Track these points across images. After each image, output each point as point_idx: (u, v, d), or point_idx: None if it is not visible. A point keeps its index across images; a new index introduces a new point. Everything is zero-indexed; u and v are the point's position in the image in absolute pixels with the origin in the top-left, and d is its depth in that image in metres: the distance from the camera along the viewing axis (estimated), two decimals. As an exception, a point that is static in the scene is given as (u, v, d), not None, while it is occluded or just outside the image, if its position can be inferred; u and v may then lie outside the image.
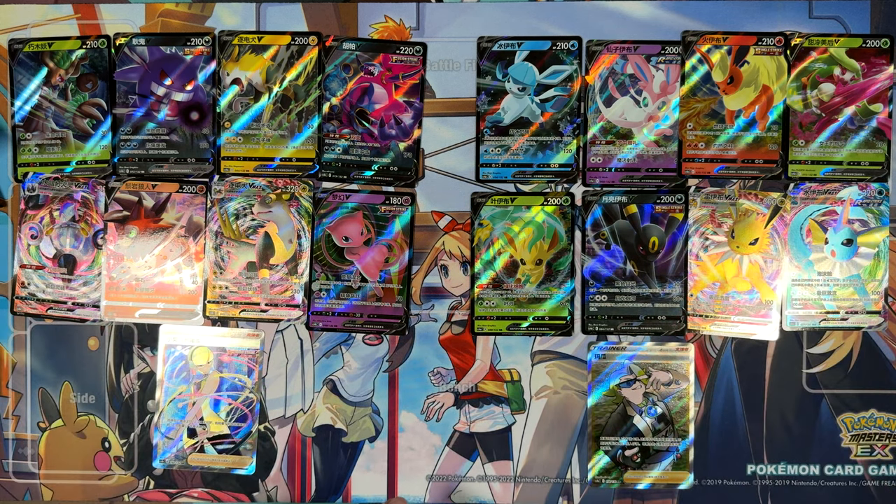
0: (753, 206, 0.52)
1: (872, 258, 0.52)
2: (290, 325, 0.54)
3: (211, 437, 0.53)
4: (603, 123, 0.53)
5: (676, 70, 0.53)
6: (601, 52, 0.53)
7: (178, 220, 0.54)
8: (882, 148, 0.52)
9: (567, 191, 0.53)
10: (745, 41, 0.52)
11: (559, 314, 0.53)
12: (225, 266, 0.53)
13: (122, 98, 0.54)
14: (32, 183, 0.54)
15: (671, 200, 0.53)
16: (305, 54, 0.53)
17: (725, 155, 0.53)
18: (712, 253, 0.53)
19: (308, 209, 0.53)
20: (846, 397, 0.53)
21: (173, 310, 0.53)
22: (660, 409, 0.53)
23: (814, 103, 0.52)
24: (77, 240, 0.54)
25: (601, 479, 0.53)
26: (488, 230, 0.53)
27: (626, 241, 0.53)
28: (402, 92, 0.53)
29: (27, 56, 0.54)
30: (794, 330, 0.53)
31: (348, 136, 0.53)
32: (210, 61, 0.53)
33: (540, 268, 0.53)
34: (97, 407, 0.54)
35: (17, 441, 0.55)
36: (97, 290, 0.54)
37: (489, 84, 0.53)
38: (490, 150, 0.53)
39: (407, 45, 0.53)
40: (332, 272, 0.53)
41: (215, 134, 0.53)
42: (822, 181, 0.52)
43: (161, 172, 0.54)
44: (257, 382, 0.54)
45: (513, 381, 0.54)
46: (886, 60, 0.52)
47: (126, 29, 0.54)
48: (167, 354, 0.54)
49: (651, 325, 0.53)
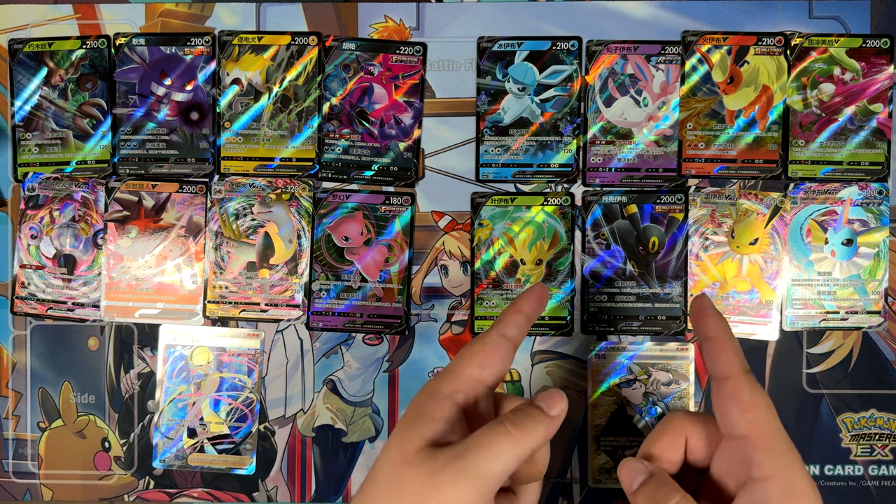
0: (753, 206, 0.52)
1: (872, 258, 0.52)
2: (290, 325, 0.54)
3: (211, 437, 0.53)
4: (603, 123, 0.53)
5: (676, 70, 0.53)
6: (601, 52, 0.53)
7: (178, 220, 0.54)
8: (882, 148, 0.52)
9: (567, 191, 0.53)
10: (745, 41, 0.52)
11: (559, 314, 0.53)
12: (225, 266, 0.53)
13: (122, 98, 0.54)
14: (32, 183, 0.54)
15: (671, 200, 0.53)
16: (305, 54, 0.53)
17: (725, 155, 0.53)
18: (712, 253, 0.53)
19: (308, 209, 0.53)
20: (846, 397, 0.53)
21: (173, 310, 0.54)
22: (660, 409, 0.53)
23: (814, 103, 0.52)
24: (77, 240, 0.54)
25: (601, 479, 0.53)
26: (488, 230, 0.53)
27: (626, 241, 0.53)
28: (402, 92, 0.53)
29: (27, 56, 0.54)
30: (794, 330, 0.53)
31: (348, 136, 0.53)
32: (210, 61, 0.53)
33: (540, 268, 0.53)
34: (97, 407, 0.54)
35: (17, 441, 0.55)
36: (97, 290, 0.54)
37: (489, 84, 0.53)
38: (490, 150, 0.53)
39: (407, 45, 0.53)
40: (332, 272, 0.53)
41: (215, 134, 0.53)
42: (822, 181, 0.52)
43: (161, 172, 0.54)
44: (257, 382, 0.54)
45: (513, 381, 0.54)
46: (886, 60, 0.52)
47: (126, 29, 0.54)
48: (167, 354, 0.54)
49: (651, 325, 0.53)
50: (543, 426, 0.36)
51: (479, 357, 0.38)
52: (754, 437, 0.34)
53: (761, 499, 0.33)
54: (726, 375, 0.36)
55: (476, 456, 0.34)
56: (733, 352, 0.36)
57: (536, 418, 0.36)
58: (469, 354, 0.38)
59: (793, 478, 0.34)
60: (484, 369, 0.38)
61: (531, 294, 0.41)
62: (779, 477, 0.33)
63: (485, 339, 0.38)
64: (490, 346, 0.38)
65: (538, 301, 0.41)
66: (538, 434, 0.35)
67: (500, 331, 0.39)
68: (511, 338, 0.39)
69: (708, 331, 0.37)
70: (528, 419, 0.35)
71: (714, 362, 0.37)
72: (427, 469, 0.34)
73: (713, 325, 0.37)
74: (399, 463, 0.34)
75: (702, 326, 0.38)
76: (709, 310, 0.38)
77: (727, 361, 0.36)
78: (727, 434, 0.36)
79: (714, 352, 0.37)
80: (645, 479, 0.36)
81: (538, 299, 0.41)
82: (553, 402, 0.37)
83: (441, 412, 0.36)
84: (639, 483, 0.36)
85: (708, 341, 0.37)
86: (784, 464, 0.34)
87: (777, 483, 0.33)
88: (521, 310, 0.40)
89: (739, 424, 0.35)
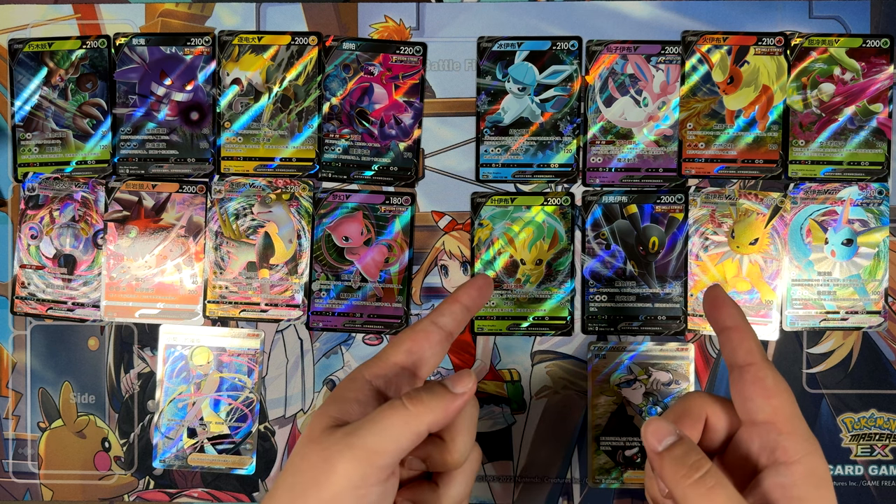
0: (753, 206, 0.52)
1: (872, 258, 0.52)
2: (290, 325, 0.54)
3: (211, 437, 0.53)
4: (603, 123, 0.53)
5: (676, 70, 0.53)
6: (601, 52, 0.53)
7: (178, 220, 0.54)
8: (882, 148, 0.52)
9: (567, 191, 0.53)
10: (745, 41, 0.52)
11: (559, 314, 0.53)
12: (225, 266, 0.53)
13: (122, 98, 0.54)
14: (32, 183, 0.54)
15: (671, 200, 0.53)
16: (305, 54, 0.53)
17: (725, 155, 0.53)
18: (712, 253, 0.53)
19: (308, 209, 0.53)
20: (846, 397, 0.53)
21: (173, 310, 0.54)
22: (660, 409, 0.53)
23: (814, 103, 0.52)
24: (77, 240, 0.54)
25: (601, 479, 0.53)
26: (488, 230, 0.53)
27: (626, 241, 0.53)
28: (402, 92, 0.53)
29: (27, 56, 0.54)
30: (794, 330, 0.53)
31: (348, 136, 0.53)
32: (210, 61, 0.53)
33: (540, 268, 0.53)
34: (97, 407, 0.54)
35: (17, 441, 0.55)
36: (97, 290, 0.54)
37: (489, 84, 0.53)
38: (490, 150, 0.53)
39: (407, 45, 0.53)
40: (332, 272, 0.53)
41: (215, 134, 0.53)
42: (822, 181, 0.52)
43: (161, 172, 0.54)
44: (257, 382, 0.54)
45: (513, 381, 0.54)
46: (886, 60, 0.52)
47: (126, 29, 0.54)
48: (167, 354, 0.54)
49: (651, 325, 0.53)
50: (443, 402, 0.35)
51: (407, 344, 0.38)
52: (779, 423, 0.35)
53: (787, 482, 0.34)
54: (749, 363, 0.36)
55: (367, 431, 0.33)
56: (753, 340, 0.37)
57: (437, 394, 0.35)
58: (397, 341, 0.38)
59: (816, 463, 0.35)
60: (410, 356, 0.38)
61: (472, 284, 0.41)
62: (803, 462, 0.34)
63: (416, 327, 0.39)
64: (419, 333, 0.38)
65: (479, 291, 0.41)
66: (436, 409, 0.34)
67: (432, 318, 0.39)
68: (443, 325, 0.39)
69: (725, 320, 0.38)
70: (427, 394, 0.35)
71: (735, 351, 0.37)
72: (323, 446, 0.33)
73: (730, 314, 0.38)
74: (306, 442, 0.34)
75: (718, 316, 0.38)
76: (724, 299, 0.38)
77: (748, 349, 0.37)
78: (748, 420, 0.36)
79: (734, 341, 0.37)
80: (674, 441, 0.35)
81: (478, 289, 0.41)
82: (459, 380, 0.36)
83: (355, 394, 0.36)
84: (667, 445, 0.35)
85: (726, 331, 0.37)
86: (808, 449, 0.35)
87: (801, 467, 0.34)
88: (458, 299, 0.40)
89: (764, 410, 0.35)
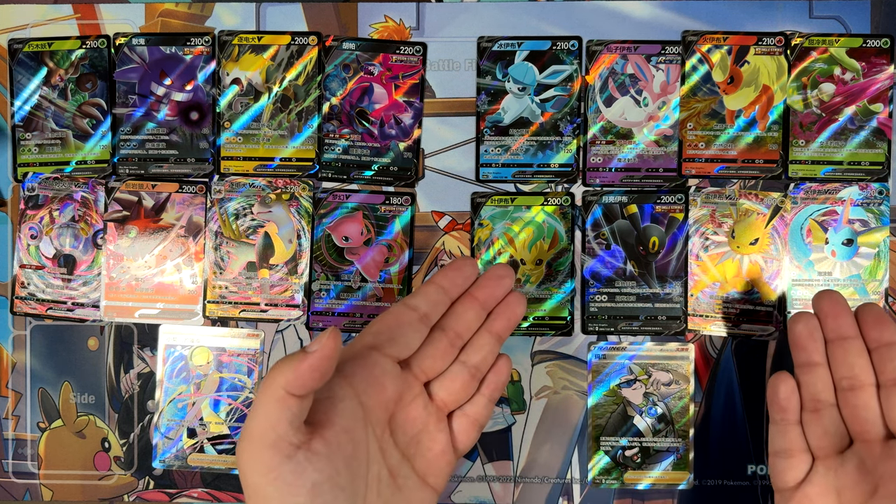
0: (754, 206, 0.52)
1: (873, 258, 0.52)
2: (290, 325, 0.54)
3: (211, 437, 0.53)
4: (603, 123, 0.53)
5: (676, 70, 0.53)
6: (601, 52, 0.53)
7: (177, 220, 0.54)
8: (882, 148, 0.52)
9: (567, 191, 0.53)
10: (745, 41, 0.52)
11: (559, 314, 0.53)
12: (225, 266, 0.53)
13: (122, 98, 0.54)
14: (32, 183, 0.54)
15: (671, 200, 0.53)
16: (305, 54, 0.53)
17: (725, 155, 0.53)
18: (712, 253, 0.53)
19: (308, 209, 0.53)
20: (846, 397, 0.53)
21: (173, 310, 0.53)
22: (660, 410, 0.53)
23: (814, 103, 0.52)
24: (77, 240, 0.54)
25: (601, 479, 0.53)
26: (488, 230, 0.53)
27: (627, 241, 0.53)
28: (402, 92, 0.53)
29: (27, 56, 0.54)
30: (795, 330, 0.53)
31: (348, 136, 0.53)
32: (210, 61, 0.53)
33: (540, 268, 0.53)
34: (97, 407, 0.54)
35: (16, 441, 0.55)
36: (97, 290, 0.54)
37: (489, 84, 0.53)
38: (490, 150, 0.53)
39: (407, 45, 0.53)
40: (332, 272, 0.53)
41: (215, 134, 0.53)
42: (823, 181, 0.52)
43: (161, 172, 0.54)
44: (257, 382, 0.54)
45: (513, 381, 0.54)
46: (886, 60, 0.52)
47: (126, 29, 0.54)
48: (167, 354, 0.54)
49: (651, 325, 0.53)
50: (293, 363, 0.34)
51: (375, 326, 0.39)
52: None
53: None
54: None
55: (249, 419, 0.35)
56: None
57: (291, 356, 0.35)
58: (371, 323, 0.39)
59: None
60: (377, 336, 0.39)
61: (450, 266, 0.41)
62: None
63: (389, 309, 0.39)
64: (388, 314, 0.39)
65: (457, 271, 0.41)
66: (286, 371, 0.34)
67: (404, 300, 0.40)
68: (413, 306, 0.39)
69: (891, 336, 0.41)
70: (283, 359, 0.35)
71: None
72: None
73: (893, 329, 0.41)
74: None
75: (884, 332, 0.41)
76: (882, 316, 0.41)
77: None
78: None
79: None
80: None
81: (456, 269, 0.41)
82: (317, 339, 0.35)
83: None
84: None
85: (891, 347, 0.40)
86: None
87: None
88: (434, 280, 0.40)
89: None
